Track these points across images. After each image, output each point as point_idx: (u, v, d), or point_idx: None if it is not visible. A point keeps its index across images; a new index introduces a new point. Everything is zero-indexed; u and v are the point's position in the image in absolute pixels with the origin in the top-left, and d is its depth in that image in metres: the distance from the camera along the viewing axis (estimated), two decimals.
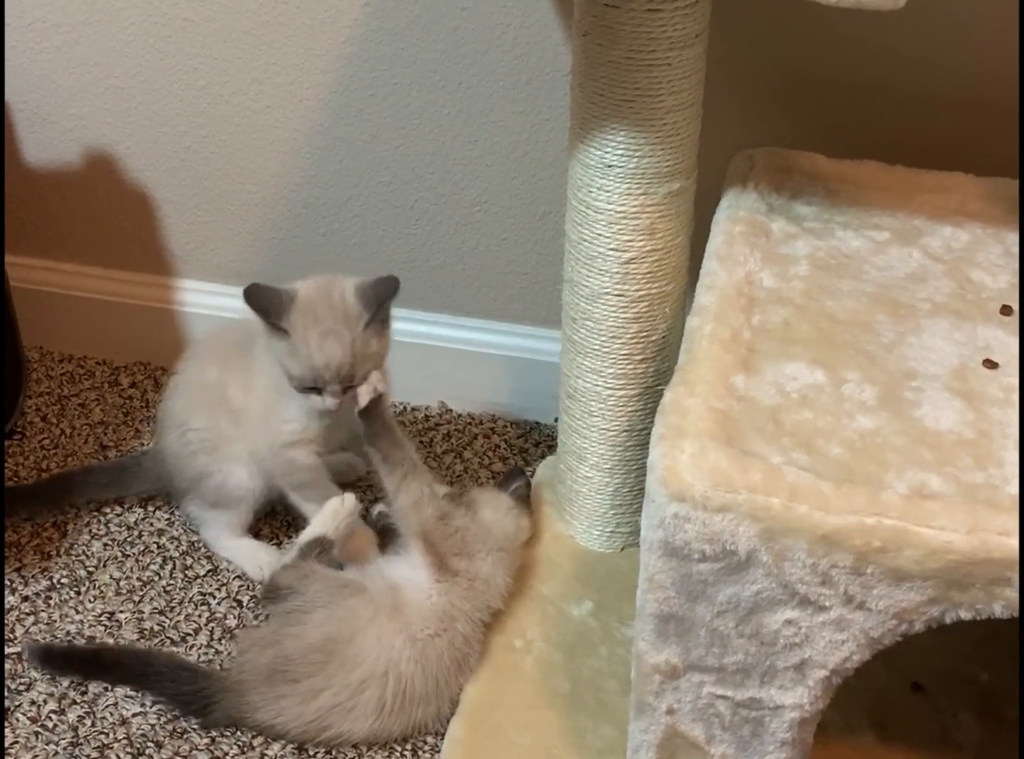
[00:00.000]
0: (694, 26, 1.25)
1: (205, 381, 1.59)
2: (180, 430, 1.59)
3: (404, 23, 1.60)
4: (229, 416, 1.57)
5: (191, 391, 1.60)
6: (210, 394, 1.58)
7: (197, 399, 1.59)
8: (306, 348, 1.44)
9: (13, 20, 1.71)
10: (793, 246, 1.29)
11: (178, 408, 1.60)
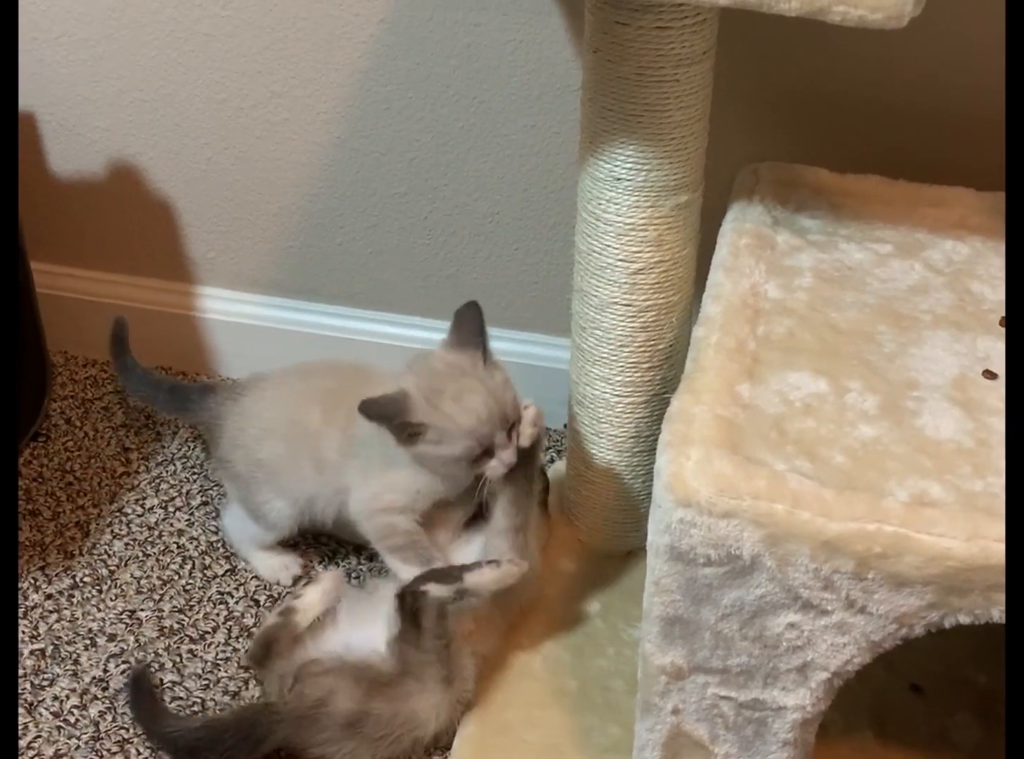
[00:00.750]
0: (701, 43, 1.25)
1: (303, 419, 1.50)
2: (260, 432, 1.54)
3: (419, 39, 1.60)
4: (315, 462, 1.49)
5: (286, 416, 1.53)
6: (302, 434, 1.50)
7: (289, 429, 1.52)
8: (449, 422, 1.35)
9: (41, 34, 1.71)
10: (797, 258, 1.28)
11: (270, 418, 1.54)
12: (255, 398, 1.57)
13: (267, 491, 1.54)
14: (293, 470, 1.51)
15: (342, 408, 1.44)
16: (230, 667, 1.50)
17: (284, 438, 1.52)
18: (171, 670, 1.49)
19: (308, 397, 1.53)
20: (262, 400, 1.57)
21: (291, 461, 1.51)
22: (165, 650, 1.52)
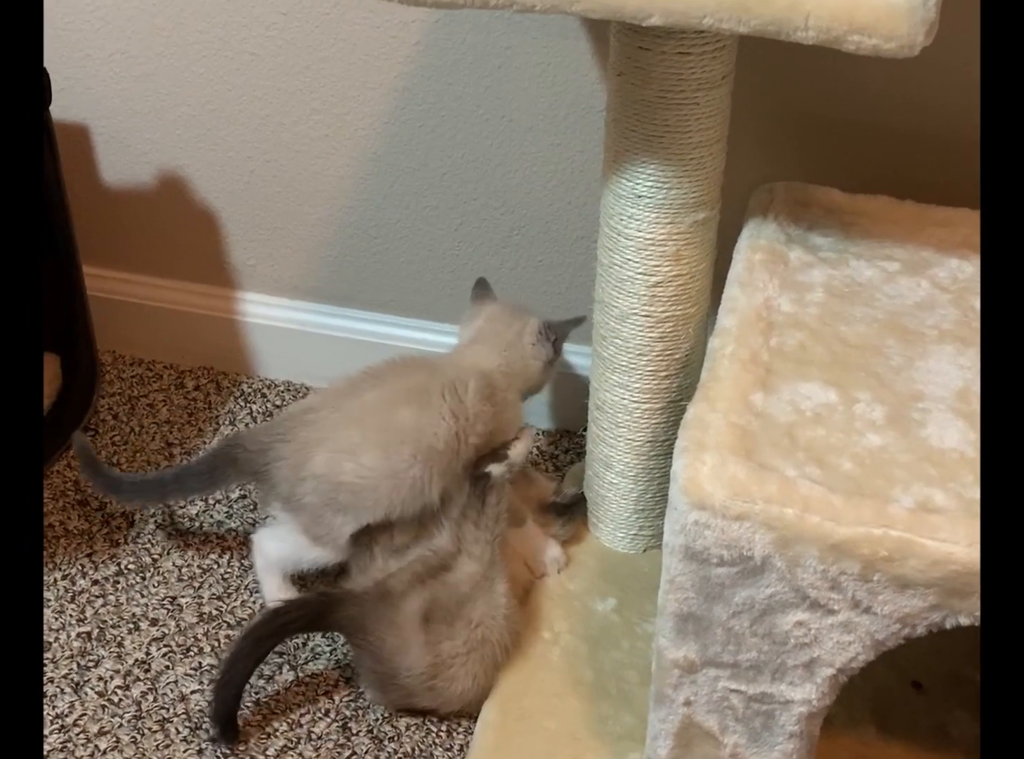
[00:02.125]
0: (721, 68, 1.25)
1: (394, 422, 1.45)
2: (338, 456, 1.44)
3: (452, 60, 1.60)
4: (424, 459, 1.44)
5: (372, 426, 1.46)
6: (395, 435, 1.44)
7: (377, 436, 1.45)
8: None
9: (95, 51, 1.72)
10: (809, 274, 1.28)
11: (348, 437, 1.45)
12: (316, 430, 1.47)
13: (346, 514, 1.44)
14: (392, 476, 1.44)
15: (437, 396, 1.45)
16: None
17: (375, 448, 1.44)
18: (209, 654, 1.49)
19: (388, 399, 1.47)
20: (328, 426, 1.47)
21: (386, 467, 1.44)
22: (204, 635, 1.52)
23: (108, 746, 1.39)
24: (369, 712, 1.43)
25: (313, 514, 1.45)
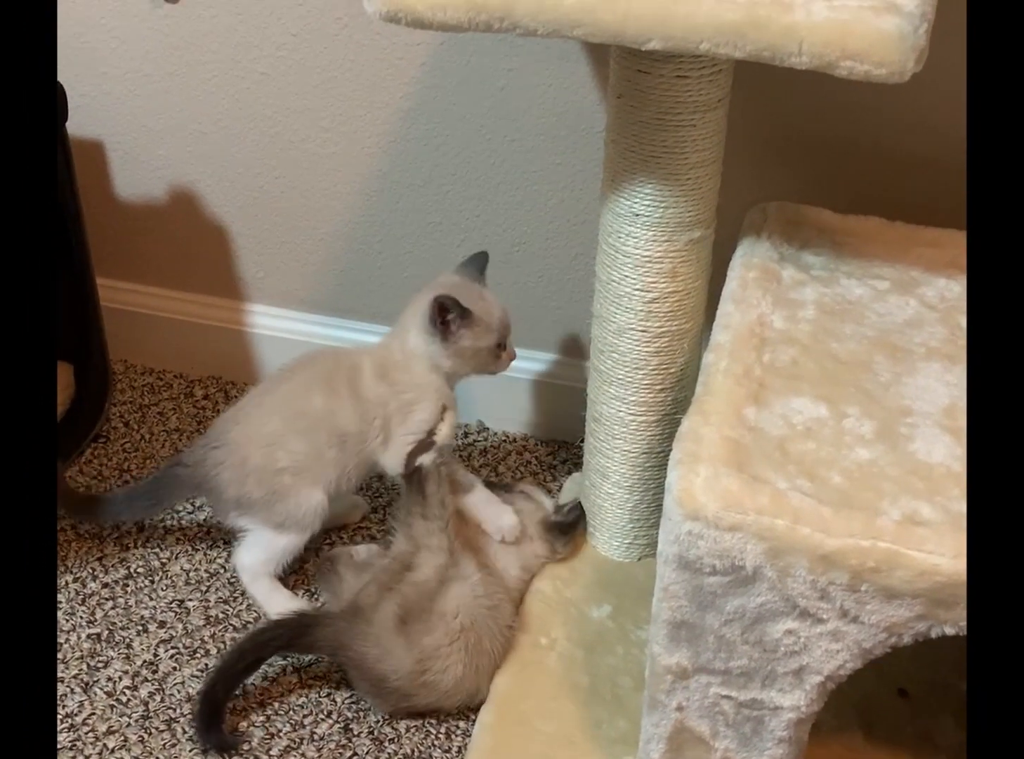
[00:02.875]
0: (717, 92, 1.25)
1: (308, 407, 1.52)
2: (269, 448, 1.52)
3: (456, 82, 1.60)
4: (335, 440, 1.51)
5: (290, 414, 1.53)
6: (313, 420, 1.52)
7: (297, 423, 1.52)
8: (484, 313, 1.50)
9: (111, 70, 1.73)
10: (801, 292, 1.28)
11: (270, 428, 1.53)
12: (245, 427, 1.54)
13: (294, 493, 1.51)
14: (317, 458, 1.52)
15: (341, 383, 1.53)
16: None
17: (299, 434, 1.52)
18: (215, 656, 1.49)
19: (300, 389, 1.55)
20: (254, 423, 1.54)
21: (313, 449, 1.52)
22: (211, 637, 1.52)
23: (116, 745, 1.39)
24: (370, 714, 1.43)
25: (265, 505, 1.52)
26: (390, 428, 1.52)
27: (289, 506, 1.52)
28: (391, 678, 1.37)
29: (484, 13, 1.07)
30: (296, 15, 1.62)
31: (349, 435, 1.51)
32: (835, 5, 1.04)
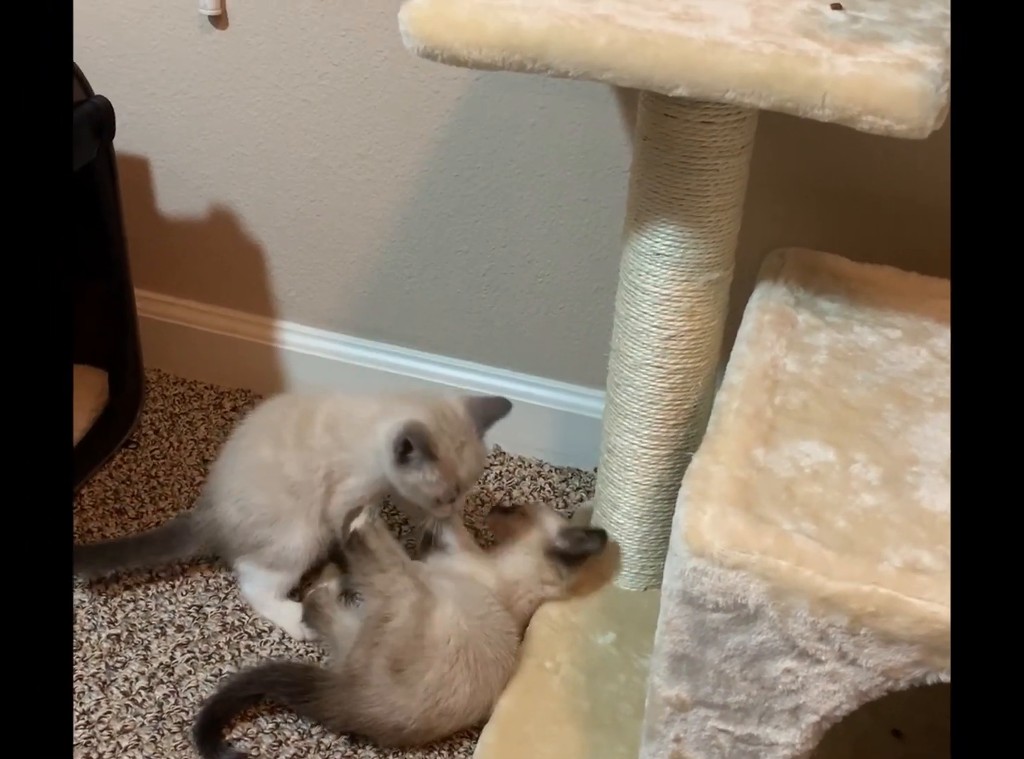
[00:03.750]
0: (741, 138, 1.24)
1: (259, 460, 1.52)
2: (239, 504, 1.51)
3: (489, 116, 1.60)
4: (288, 490, 1.50)
5: (246, 470, 1.53)
6: (266, 472, 1.51)
7: (253, 477, 1.52)
8: (449, 466, 1.40)
9: (159, 90, 1.74)
10: (815, 337, 1.27)
11: (235, 485, 1.52)
12: (218, 486, 1.55)
13: (275, 540, 1.51)
14: (278, 508, 1.50)
15: (288, 432, 1.50)
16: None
17: (258, 488, 1.51)
18: (229, 662, 1.49)
19: (250, 443, 1.54)
20: (220, 483, 1.55)
21: (272, 501, 1.50)
22: (226, 644, 1.51)
23: (129, 743, 1.38)
24: None
25: (257, 552, 1.52)
26: (332, 480, 1.50)
27: (276, 549, 1.51)
28: (407, 725, 1.36)
29: (517, 54, 1.06)
30: (339, 46, 1.62)
31: (298, 484, 1.49)
32: (859, 60, 1.03)
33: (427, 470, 1.39)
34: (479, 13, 1.06)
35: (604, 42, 1.04)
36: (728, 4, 1.12)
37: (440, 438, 1.40)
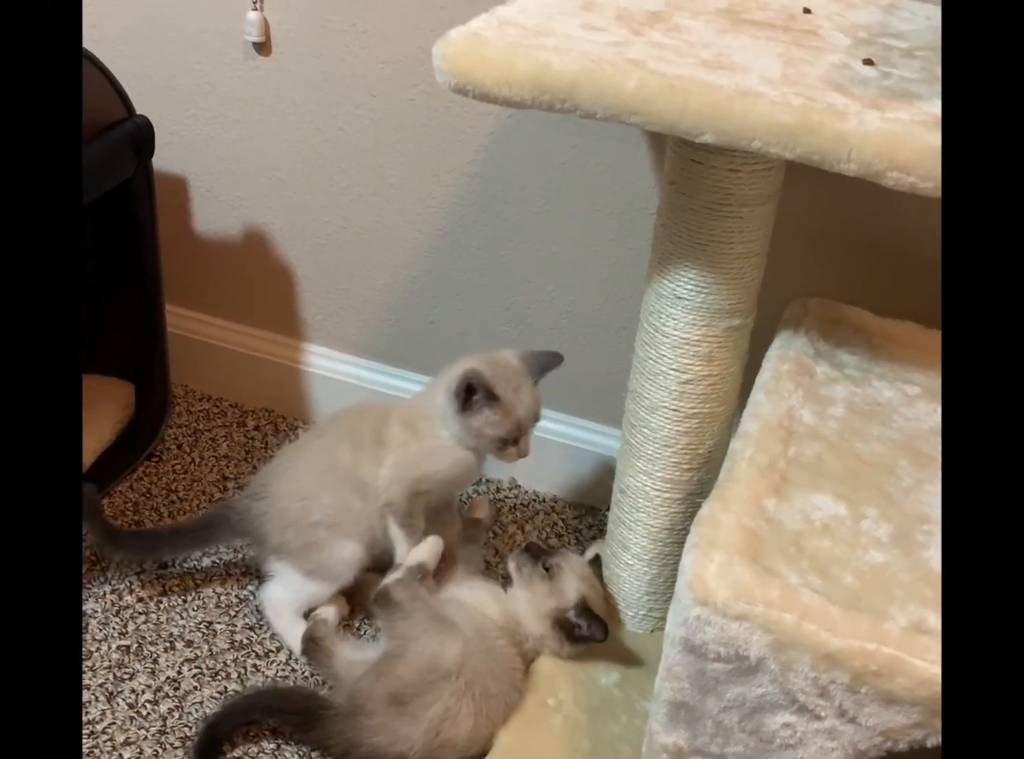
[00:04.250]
0: (767, 188, 1.23)
1: (336, 462, 1.51)
2: (303, 502, 1.50)
3: (521, 153, 1.59)
4: (359, 492, 1.50)
5: (321, 470, 1.52)
6: (340, 474, 1.51)
7: (327, 478, 1.51)
8: (510, 405, 1.45)
9: (201, 112, 1.74)
10: (833, 389, 1.24)
11: (305, 482, 1.52)
12: (283, 481, 1.53)
13: (329, 545, 1.50)
14: (346, 511, 1.50)
15: (366, 434, 1.52)
16: (287, 684, 1.47)
17: (328, 489, 1.51)
18: (235, 680, 1.47)
19: (330, 444, 1.54)
20: (290, 477, 1.53)
21: (342, 503, 1.50)
22: (233, 661, 1.49)
23: (131, 756, 1.37)
24: None
25: (302, 554, 1.51)
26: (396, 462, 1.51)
27: (323, 557, 1.50)
28: (410, 755, 1.33)
29: (547, 93, 1.05)
30: (377, 78, 1.62)
31: (369, 486, 1.50)
32: (888, 116, 1.01)
33: (489, 411, 1.44)
34: (511, 52, 1.05)
35: (634, 86, 1.03)
36: (760, 54, 1.10)
37: (497, 380, 1.45)
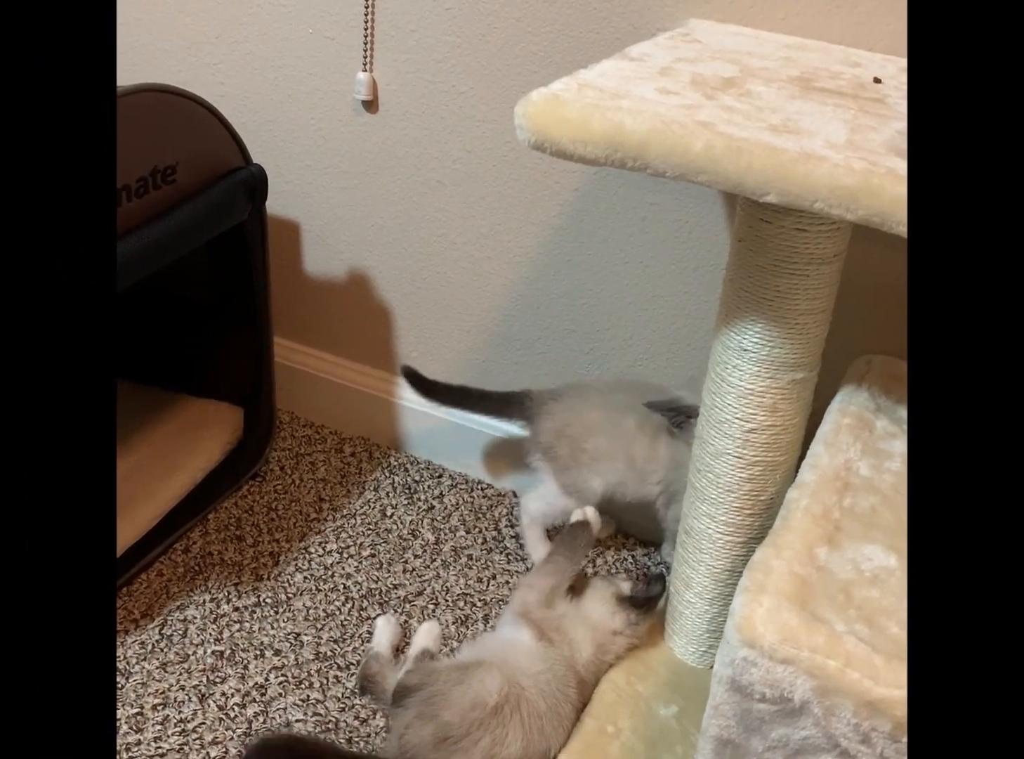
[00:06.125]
0: (833, 248, 1.19)
1: (621, 423, 1.56)
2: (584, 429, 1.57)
3: (603, 209, 1.58)
4: (627, 458, 1.56)
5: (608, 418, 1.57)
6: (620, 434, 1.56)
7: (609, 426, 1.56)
8: None
9: (314, 163, 1.77)
10: (891, 444, 1.19)
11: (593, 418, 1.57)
12: (580, 400, 1.60)
13: (586, 472, 1.57)
14: (609, 460, 1.56)
15: (652, 423, 1.55)
16: (366, 697, 1.46)
17: (606, 435, 1.56)
18: (318, 689, 1.47)
19: (625, 405, 1.57)
20: (584, 403, 1.59)
21: (609, 453, 1.56)
22: (316, 672, 1.49)
23: (217, 755, 1.37)
24: None
25: (563, 465, 1.59)
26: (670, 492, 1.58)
27: (578, 478, 1.58)
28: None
29: (620, 152, 1.04)
30: (472, 135, 1.62)
31: (634, 465, 1.56)
32: None
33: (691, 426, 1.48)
34: (587, 112, 1.04)
35: (701, 147, 1.00)
36: (827, 120, 1.07)
37: None
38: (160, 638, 1.52)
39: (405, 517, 1.78)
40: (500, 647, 1.40)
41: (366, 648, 1.53)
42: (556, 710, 1.34)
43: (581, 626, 1.42)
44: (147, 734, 1.39)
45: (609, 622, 1.43)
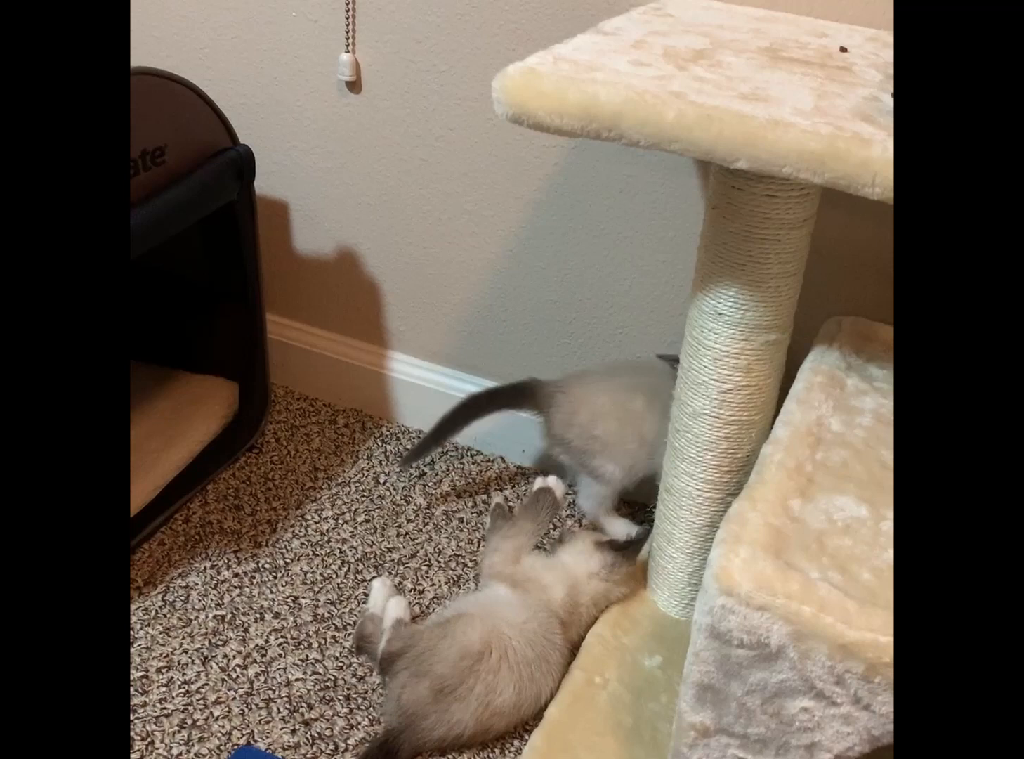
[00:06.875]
0: (802, 212, 1.19)
1: (630, 405, 1.55)
2: (594, 416, 1.56)
3: (582, 182, 1.58)
4: (638, 438, 1.55)
5: (616, 401, 1.56)
6: (630, 416, 1.55)
7: (618, 410, 1.56)
8: None
9: (300, 143, 1.76)
10: (862, 400, 1.20)
11: (602, 403, 1.56)
12: (585, 389, 1.58)
13: (599, 457, 1.58)
14: (620, 443, 1.56)
15: (660, 398, 1.51)
16: (362, 656, 1.47)
17: (616, 419, 1.55)
18: (316, 649, 1.48)
19: (632, 386, 1.56)
20: (592, 391, 1.58)
21: (620, 436, 1.56)
22: (315, 633, 1.50)
23: (220, 714, 1.38)
24: None
25: (579, 453, 1.59)
26: None
27: (594, 464, 1.59)
28: (465, 733, 1.33)
29: (595, 123, 1.04)
30: (454, 113, 1.62)
31: (646, 442, 1.55)
32: None
33: None
34: (563, 85, 1.04)
35: (673, 116, 1.01)
36: (795, 88, 1.08)
37: None
38: (163, 604, 1.53)
39: (397, 484, 1.78)
40: (481, 602, 1.41)
41: (362, 609, 1.54)
42: (544, 657, 1.36)
43: (552, 571, 1.43)
44: (152, 695, 1.40)
45: (584, 565, 1.44)
